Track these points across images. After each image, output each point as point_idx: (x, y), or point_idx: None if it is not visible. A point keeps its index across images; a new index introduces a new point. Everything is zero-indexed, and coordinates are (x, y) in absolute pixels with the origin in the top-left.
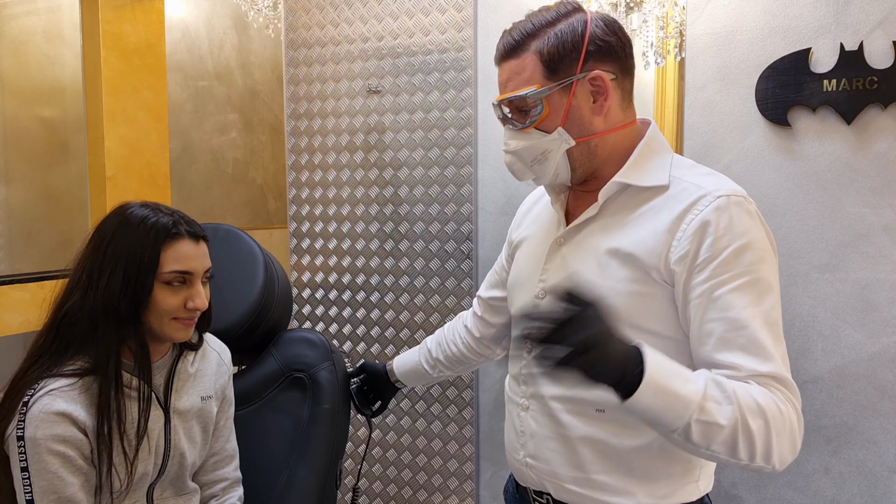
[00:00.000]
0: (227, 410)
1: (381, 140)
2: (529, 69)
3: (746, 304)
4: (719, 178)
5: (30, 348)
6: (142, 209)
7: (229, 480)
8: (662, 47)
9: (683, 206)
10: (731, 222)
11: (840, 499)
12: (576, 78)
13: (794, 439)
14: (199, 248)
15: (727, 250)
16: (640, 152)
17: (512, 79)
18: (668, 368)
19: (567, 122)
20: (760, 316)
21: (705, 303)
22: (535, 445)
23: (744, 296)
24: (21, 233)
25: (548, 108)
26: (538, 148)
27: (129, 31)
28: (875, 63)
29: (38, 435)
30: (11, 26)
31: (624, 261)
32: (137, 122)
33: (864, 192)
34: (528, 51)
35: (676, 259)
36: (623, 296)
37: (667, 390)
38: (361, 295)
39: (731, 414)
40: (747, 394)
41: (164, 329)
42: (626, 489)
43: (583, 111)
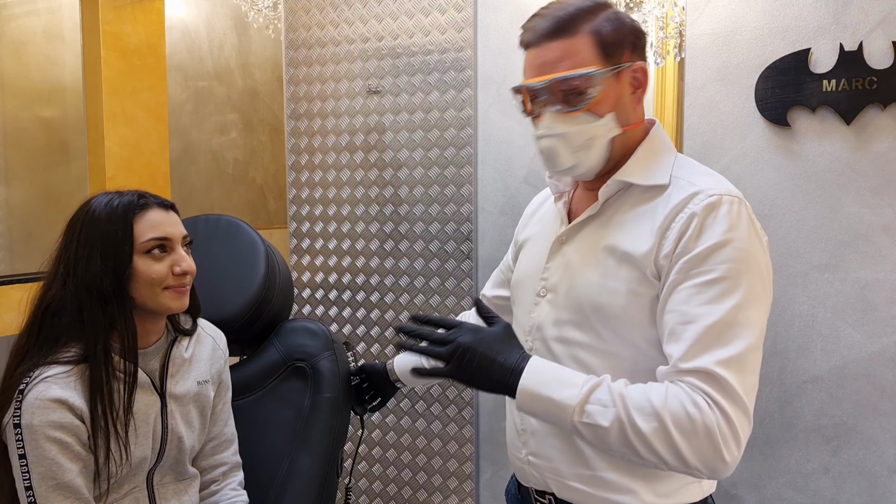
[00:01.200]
0: (224, 395)
1: (380, 140)
2: (586, 49)
3: (704, 300)
4: (717, 179)
5: (13, 347)
6: (104, 195)
7: (229, 465)
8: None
9: (675, 204)
10: (714, 221)
11: (840, 498)
12: (627, 65)
13: (716, 441)
14: (170, 216)
15: (701, 247)
16: (642, 151)
17: (564, 58)
18: (547, 376)
19: (617, 109)
20: (714, 314)
21: (667, 295)
22: (537, 443)
23: (703, 293)
24: (21, 233)
25: (603, 91)
26: (586, 133)
27: (129, 32)
28: (874, 63)
29: (35, 422)
30: (12, 27)
31: (621, 260)
32: (137, 122)
33: (864, 192)
34: (581, 31)
35: (664, 255)
36: (621, 296)
37: (541, 396)
38: (361, 295)
39: (614, 416)
40: (642, 396)
41: (158, 300)
42: (630, 487)
43: (627, 101)
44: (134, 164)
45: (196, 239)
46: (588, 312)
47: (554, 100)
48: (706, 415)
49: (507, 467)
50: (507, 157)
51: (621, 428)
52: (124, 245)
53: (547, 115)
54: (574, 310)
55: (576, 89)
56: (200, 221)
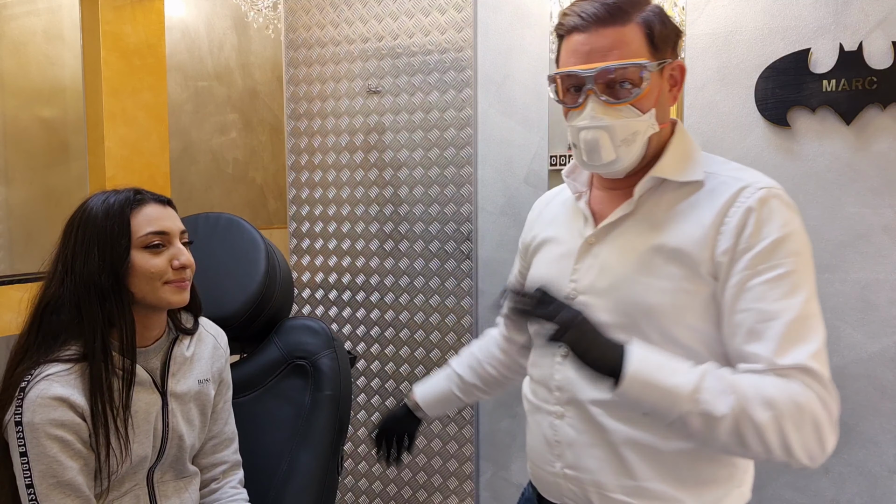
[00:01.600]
0: (225, 393)
1: (380, 140)
2: (637, 40)
3: (779, 296)
4: (754, 172)
5: (14, 346)
6: (100, 194)
7: (229, 463)
8: None
9: (725, 199)
10: (771, 214)
11: (840, 499)
12: (671, 61)
13: (821, 433)
14: (168, 211)
15: (765, 241)
16: (674, 148)
17: (616, 46)
18: (654, 362)
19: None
20: (792, 309)
21: (738, 293)
22: (575, 455)
23: (776, 287)
24: (21, 233)
25: (649, 85)
26: (630, 127)
27: (129, 32)
28: (874, 63)
29: (36, 420)
30: (12, 27)
31: (669, 257)
32: (137, 122)
33: (864, 192)
34: (632, 21)
35: (721, 251)
36: (670, 294)
37: (653, 383)
38: (361, 295)
39: (731, 404)
40: (754, 386)
41: (158, 295)
42: (676, 496)
43: (665, 97)
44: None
45: (196, 237)
46: (634, 313)
47: (600, 90)
48: (814, 407)
49: (507, 467)
50: (507, 157)
51: (736, 417)
52: (121, 240)
53: (591, 106)
54: (618, 311)
55: (625, 81)
56: (201, 220)
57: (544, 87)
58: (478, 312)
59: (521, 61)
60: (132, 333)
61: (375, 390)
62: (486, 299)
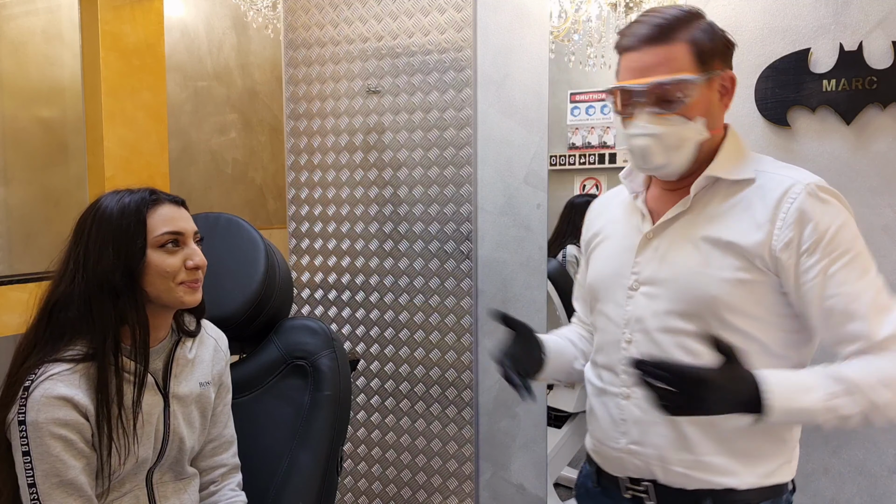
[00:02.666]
0: (225, 396)
1: (380, 140)
2: (682, 57)
3: (857, 276)
4: (800, 170)
5: (20, 342)
6: (114, 193)
7: (228, 466)
8: None
9: (777, 196)
10: (824, 207)
11: (840, 498)
12: (718, 73)
13: None
14: (182, 211)
15: (829, 232)
16: (726, 149)
17: (663, 63)
18: (788, 387)
19: (707, 114)
20: (872, 286)
21: (822, 282)
22: (641, 432)
23: (853, 270)
24: (20, 233)
25: (696, 96)
26: (678, 134)
27: (128, 32)
28: (874, 63)
29: (40, 419)
30: (10, 27)
31: (725, 250)
32: (136, 122)
33: (864, 192)
34: (678, 39)
35: (782, 247)
36: (728, 283)
37: (793, 409)
38: (361, 295)
39: (858, 402)
40: (867, 372)
41: (172, 295)
42: (732, 469)
43: (715, 107)
44: (133, 164)
45: None
46: (694, 301)
47: (649, 102)
48: None
49: (507, 467)
50: (507, 157)
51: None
52: (137, 239)
53: (642, 116)
54: (680, 300)
55: (672, 93)
56: (200, 220)
57: (544, 87)
58: (477, 312)
59: (520, 61)
60: (146, 334)
61: (375, 390)
62: (485, 299)
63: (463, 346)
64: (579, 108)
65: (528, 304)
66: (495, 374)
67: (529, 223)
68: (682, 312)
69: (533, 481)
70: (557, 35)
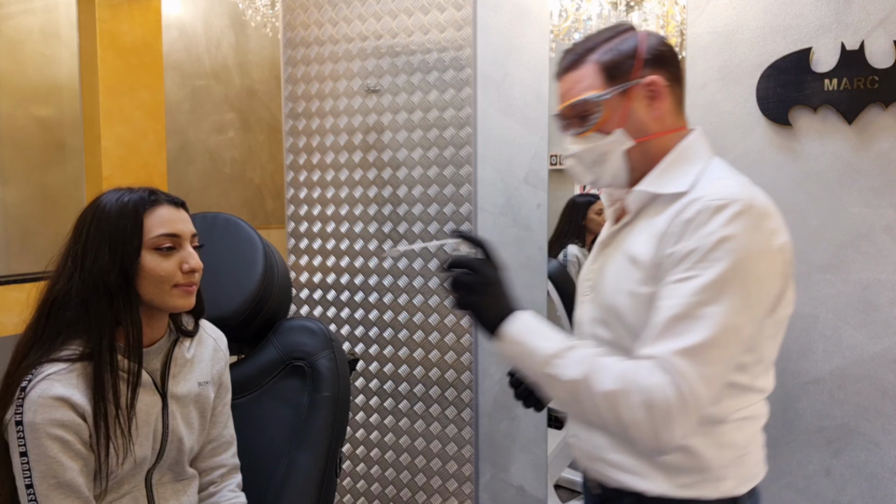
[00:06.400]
0: (224, 397)
1: (379, 140)
2: (589, 77)
3: (680, 294)
4: (730, 185)
5: (18, 342)
6: (115, 192)
7: (227, 467)
8: None
9: (678, 208)
10: (709, 223)
11: (841, 500)
12: (634, 82)
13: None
14: (181, 213)
15: (692, 248)
16: (667, 160)
17: (573, 87)
18: (532, 328)
19: (627, 125)
20: (681, 307)
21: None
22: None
23: (681, 287)
24: (17, 233)
25: (607, 111)
26: (597, 150)
27: (125, 30)
28: (876, 62)
29: (37, 420)
30: (8, 25)
31: (633, 263)
32: (134, 121)
33: (866, 191)
34: (587, 62)
35: (664, 256)
36: (630, 296)
37: (521, 342)
38: (360, 296)
39: (580, 372)
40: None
41: (166, 299)
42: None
43: (640, 114)
44: (131, 163)
45: None
46: (605, 309)
47: (571, 124)
48: (655, 391)
49: (507, 469)
50: (507, 157)
51: (579, 385)
52: (133, 240)
53: (567, 139)
54: (602, 308)
55: (583, 112)
56: (198, 220)
57: (544, 86)
58: None
59: (520, 60)
60: (139, 334)
61: (374, 391)
62: None
63: (462, 347)
64: None
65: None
66: (495, 375)
67: (529, 223)
68: (602, 320)
69: (533, 483)
70: (558, 34)
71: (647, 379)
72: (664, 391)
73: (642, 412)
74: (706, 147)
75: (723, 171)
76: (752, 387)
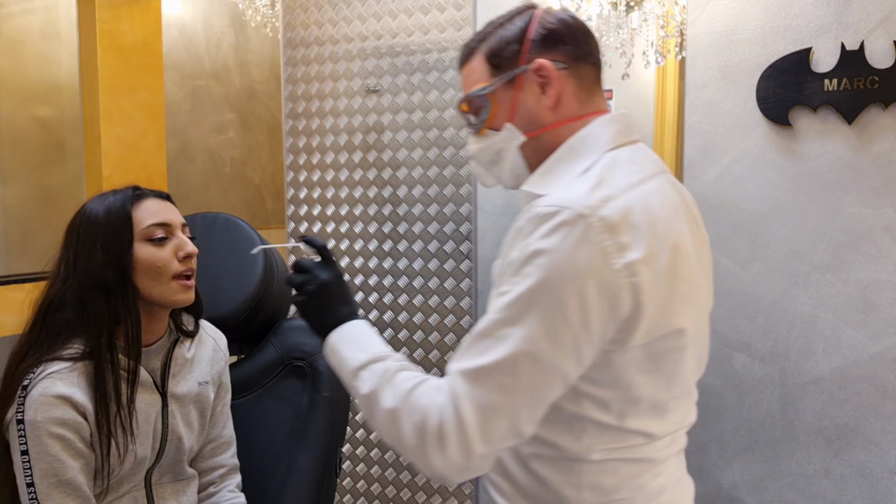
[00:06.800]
0: (224, 397)
1: (379, 140)
2: (477, 70)
3: (492, 309)
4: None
5: (16, 345)
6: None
7: (227, 467)
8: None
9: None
10: (533, 233)
11: (841, 500)
12: (519, 70)
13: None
14: (167, 204)
15: (512, 260)
16: (556, 155)
17: (465, 83)
18: (349, 337)
19: (516, 118)
20: (486, 323)
21: None
22: None
23: (496, 302)
24: (17, 233)
25: (495, 105)
26: (492, 148)
27: (125, 30)
28: (876, 63)
29: (38, 418)
30: (8, 25)
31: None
32: (134, 121)
33: (866, 192)
34: (476, 54)
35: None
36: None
37: (336, 353)
38: (360, 296)
39: (371, 387)
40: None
41: (165, 292)
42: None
43: (530, 105)
44: (131, 163)
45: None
46: None
47: (468, 123)
48: (430, 413)
49: None
50: None
51: (370, 399)
52: (123, 233)
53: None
54: None
55: (475, 110)
56: (198, 219)
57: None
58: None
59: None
60: (137, 330)
61: None
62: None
63: None
64: None
65: None
66: None
67: None
68: None
69: None
70: None
71: (428, 399)
72: (439, 414)
73: (414, 434)
74: (608, 137)
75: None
76: (622, 427)
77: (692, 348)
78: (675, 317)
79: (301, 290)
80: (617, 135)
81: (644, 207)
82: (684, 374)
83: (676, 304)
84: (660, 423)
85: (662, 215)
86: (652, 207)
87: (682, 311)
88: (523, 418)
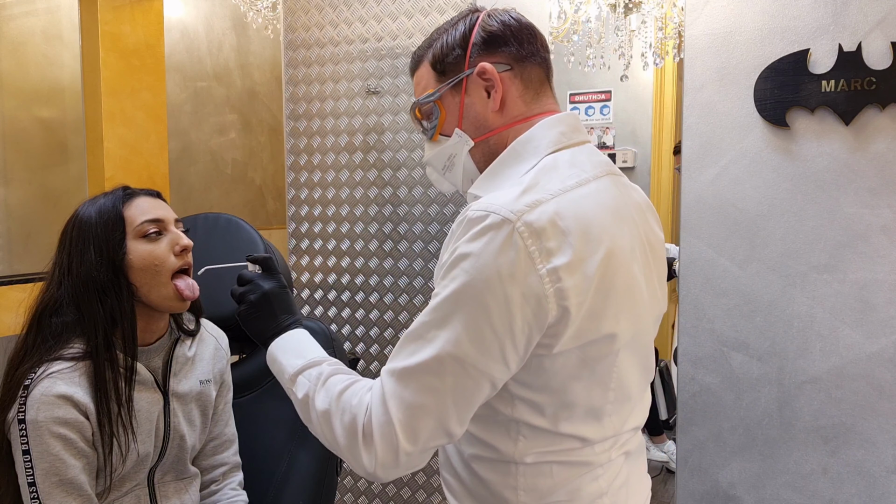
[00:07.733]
0: (226, 395)
1: (379, 141)
2: (425, 77)
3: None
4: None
5: (13, 349)
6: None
7: (229, 465)
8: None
9: None
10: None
11: (838, 499)
12: (463, 75)
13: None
14: (159, 202)
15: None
16: (499, 159)
17: (415, 90)
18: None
19: (464, 122)
20: (416, 324)
21: None
22: None
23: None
24: (20, 234)
25: (444, 111)
26: (444, 154)
27: (127, 32)
28: (873, 64)
29: (40, 417)
30: (10, 27)
31: None
32: (136, 122)
33: (863, 192)
34: (424, 60)
35: None
36: None
37: (275, 360)
38: (360, 296)
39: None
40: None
41: (164, 293)
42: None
43: (477, 109)
44: (133, 164)
45: (195, 237)
46: None
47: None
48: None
49: None
50: None
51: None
52: (115, 232)
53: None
54: None
55: (424, 117)
56: (200, 220)
57: None
58: None
59: None
60: (133, 328)
61: None
62: None
63: None
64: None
65: None
66: None
67: None
68: None
69: None
70: (557, 36)
71: (357, 399)
72: (368, 413)
73: (345, 434)
74: (550, 139)
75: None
76: (556, 431)
77: (628, 353)
78: (605, 322)
79: (243, 300)
80: (560, 137)
81: (575, 212)
82: (621, 380)
83: (609, 309)
84: (596, 428)
85: (597, 219)
86: (585, 211)
87: (615, 317)
88: (451, 419)
